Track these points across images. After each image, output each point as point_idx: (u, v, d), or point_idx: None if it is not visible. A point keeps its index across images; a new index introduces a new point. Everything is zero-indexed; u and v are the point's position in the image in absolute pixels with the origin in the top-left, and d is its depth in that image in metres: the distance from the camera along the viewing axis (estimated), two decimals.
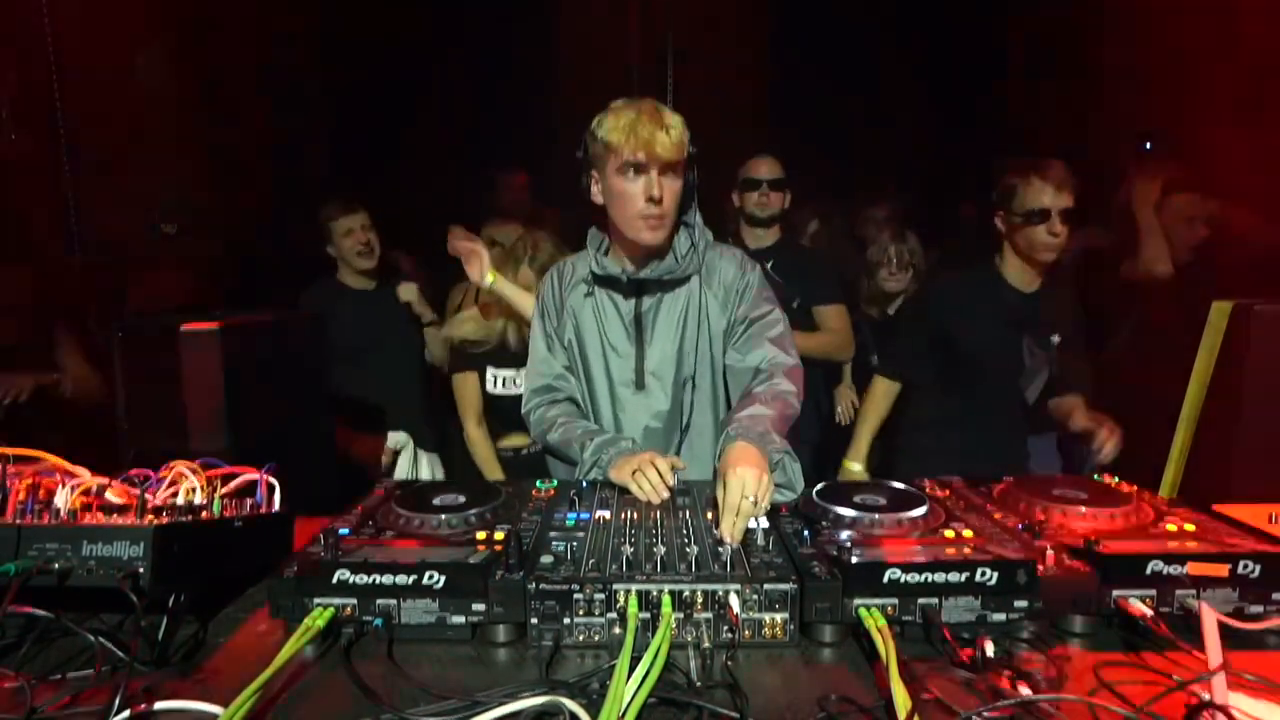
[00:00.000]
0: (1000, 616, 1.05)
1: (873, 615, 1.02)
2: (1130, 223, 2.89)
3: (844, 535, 1.21)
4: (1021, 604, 1.05)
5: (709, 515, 1.33)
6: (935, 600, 1.05)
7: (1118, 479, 1.47)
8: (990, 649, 0.94)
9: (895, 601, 1.05)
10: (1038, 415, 2.50)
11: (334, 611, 1.05)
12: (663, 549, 1.15)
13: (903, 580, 1.04)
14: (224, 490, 1.28)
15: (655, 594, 1.04)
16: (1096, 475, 1.51)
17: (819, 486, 1.41)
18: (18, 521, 1.07)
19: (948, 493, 1.45)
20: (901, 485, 1.41)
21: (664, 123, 1.56)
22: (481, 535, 1.20)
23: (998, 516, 1.30)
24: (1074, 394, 2.42)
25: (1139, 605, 1.06)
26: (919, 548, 1.14)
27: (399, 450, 3.05)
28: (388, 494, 1.43)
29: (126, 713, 0.86)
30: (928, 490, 1.44)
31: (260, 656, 1.01)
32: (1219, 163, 3.01)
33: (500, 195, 4.07)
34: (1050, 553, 1.10)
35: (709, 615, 1.04)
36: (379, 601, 1.06)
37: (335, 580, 1.05)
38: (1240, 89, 3.28)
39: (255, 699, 0.87)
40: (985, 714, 0.84)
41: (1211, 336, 1.98)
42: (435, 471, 3.14)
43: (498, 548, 1.14)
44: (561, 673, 0.98)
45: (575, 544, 1.16)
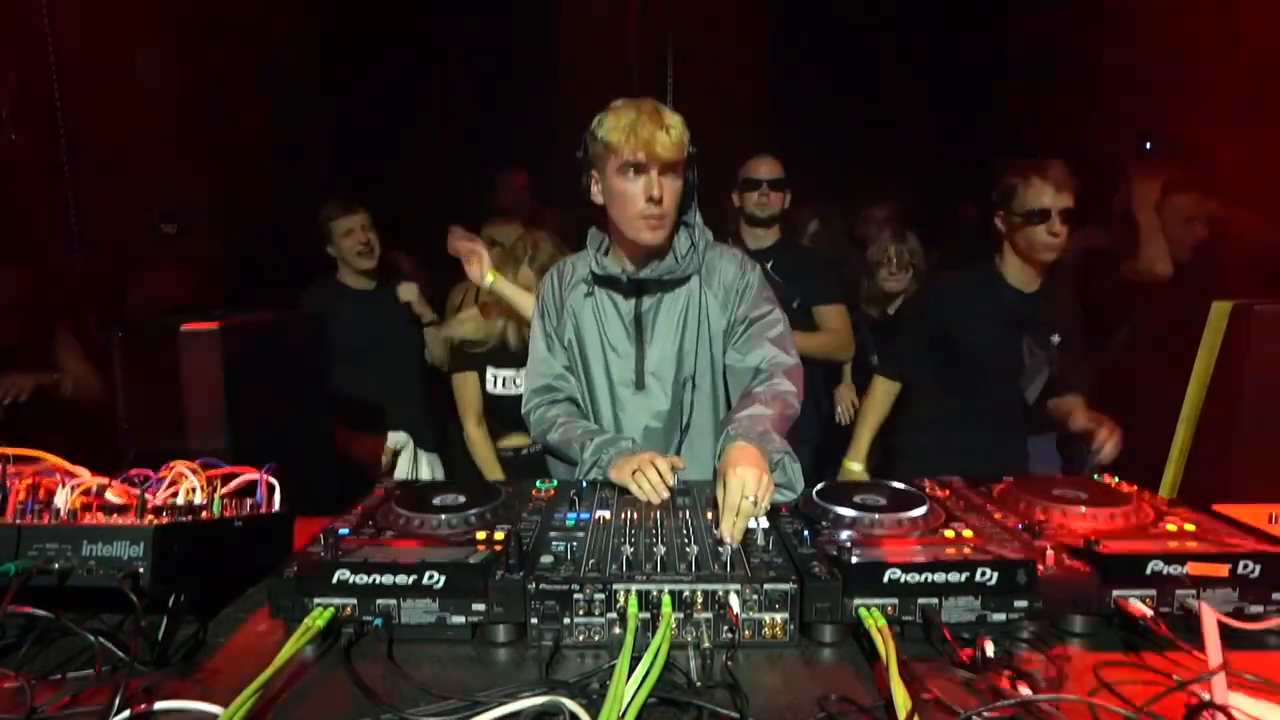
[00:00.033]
0: (1000, 616, 1.05)
1: (873, 615, 1.02)
2: (1130, 223, 2.89)
3: (844, 535, 1.21)
4: (1021, 604, 1.05)
5: (709, 515, 1.33)
6: (935, 600, 1.05)
7: (1118, 479, 1.47)
8: (990, 649, 0.94)
9: (895, 601, 1.05)
10: (1038, 415, 2.50)
11: (334, 611, 1.05)
12: (663, 549, 1.15)
13: (903, 580, 1.04)
14: (224, 490, 1.28)
15: (655, 594, 1.04)
16: (1096, 475, 1.52)
17: (819, 486, 1.41)
18: (18, 521, 1.07)
19: (948, 493, 1.45)
20: (901, 485, 1.41)
21: (664, 123, 1.56)
22: (481, 535, 1.20)
23: (998, 516, 1.30)
24: (1074, 394, 2.42)
25: (1139, 605, 1.06)
26: (919, 548, 1.14)
27: (399, 450, 3.06)
28: (388, 494, 1.43)
29: (126, 713, 0.86)
30: (928, 490, 1.44)
31: (260, 656, 1.01)
32: (1219, 163, 3.01)
33: (500, 195, 4.07)
34: (1050, 553, 1.10)
35: (709, 615, 1.04)
36: (379, 601, 1.06)
37: (335, 580, 1.06)
38: (1240, 89, 3.29)
39: (255, 699, 0.87)
40: (985, 714, 0.84)
41: (1211, 336, 1.98)
42: (435, 471, 3.14)
43: (498, 548, 1.14)
44: (561, 673, 0.98)
45: (575, 544, 1.16)
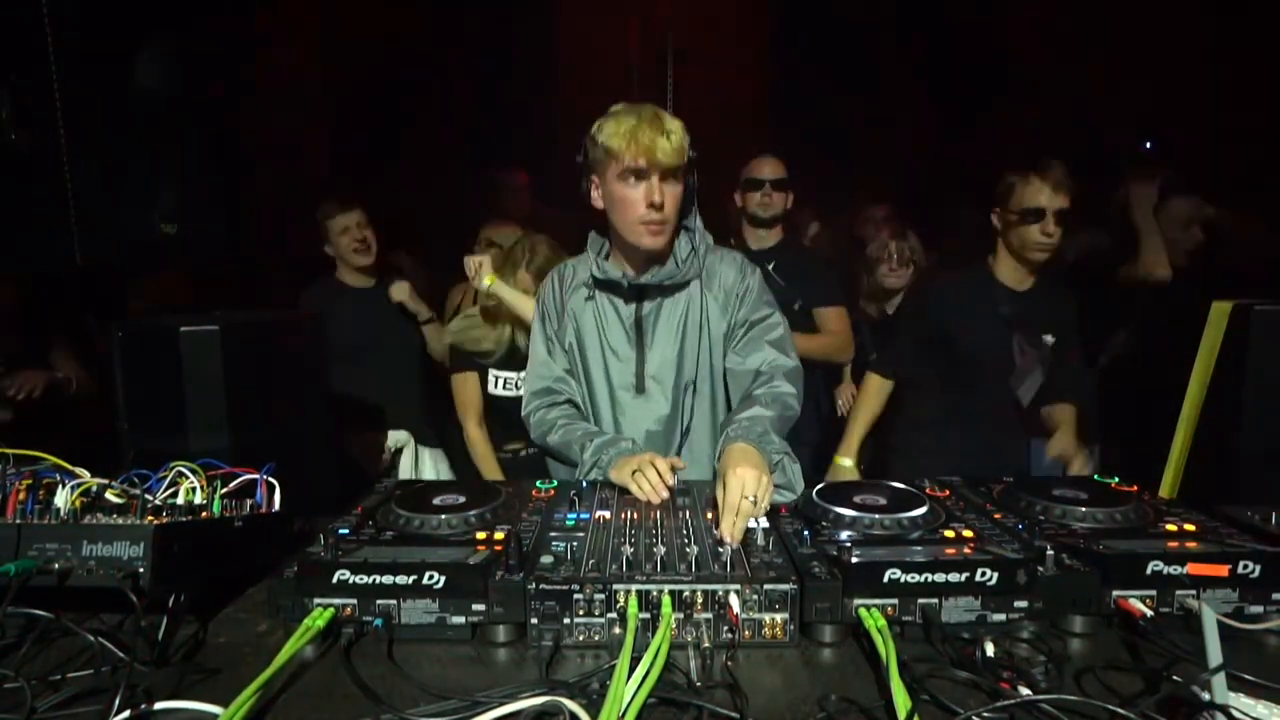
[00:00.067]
0: (1000, 616, 1.05)
1: (873, 615, 1.02)
2: (1129, 226, 2.89)
3: (844, 535, 1.21)
4: (1021, 604, 1.05)
5: (709, 515, 1.33)
6: (935, 600, 1.05)
7: (1117, 479, 1.47)
8: (990, 649, 0.94)
9: (895, 601, 1.05)
10: (1037, 418, 2.49)
11: (334, 611, 1.05)
12: (663, 549, 1.15)
13: (903, 580, 1.04)
14: (224, 490, 1.28)
15: (655, 594, 1.04)
16: (1097, 476, 1.52)
17: (819, 486, 1.41)
18: (18, 521, 1.07)
19: (948, 493, 1.45)
20: (901, 485, 1.41)
21: (665, 128, 1.56)
22: (481, 535, 1.20)
23: (998, 516, 1.30)
24: (1067, 403, 2.40)
25: (1139, 605, 1.06)
26: (919, 548, 1.14)
27: (400, 449, 3.05)
28: (388, 494, 1.43)
29: (126, 713, 0.86)
30: (928, 490, 1.44)
31: (260, 656, 1.01)
32: (1217, 165, 3.01)
33: (501, 195, 4.06)
34: (1050, 553, 1.10)
35: (709, 615, 1.04)
36: (379, 601, 1.06)
37: (335, 580, 1.06)
38: (1237, 90, 3.29)
39: (255, 699, 0.87)
40: (985, 714, 0.84)
41: (1211, 336, 1.98)
42: (440, 466, 3.11)
43: (498, 548, 1.14)
44: (561, 673, 0.98)
45: (575, 544, 1.16)
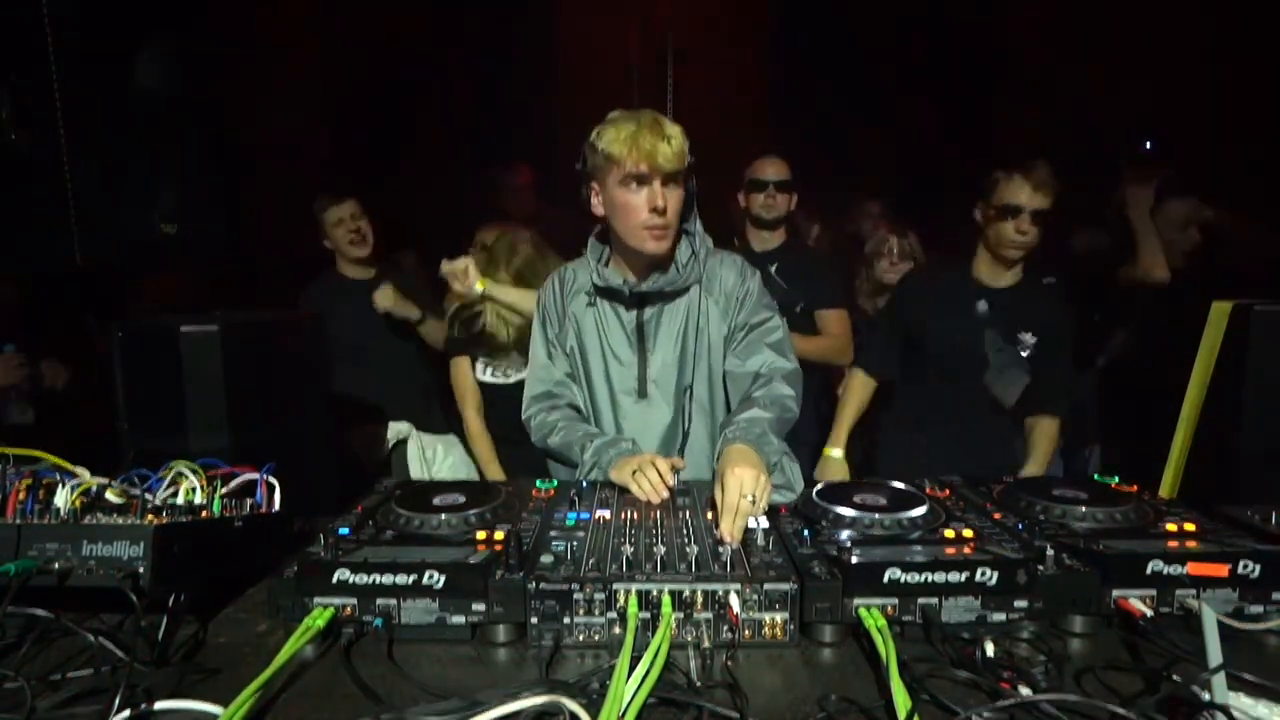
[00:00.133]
0: (1000, 616, 1.06)
1: (873, 615, 1.02)
2: (1126, 227, 2.89)
3: (844, 535, 1.21)
4: (1021, 604, 1.05)
5: (709, 515, 1.33)
6: (935, 600, 1.05)
7: (1117, 479, 1.47)
8: (990, 649, 0.94)
9: (895, 601, 1.05)
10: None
11: (334, 611, 1.05)
12: (663, 549, 1.15)
13: (903, 580, 1.04)
14: (224, 490, 1.28)
15: (655, 594, 1.04)
16: (1097, 475, 1.52)
17: (818, 486, 1.41)
18: (18, 521, 1.07)
19: (948, 493, 1.46)
20: (901, 485, 1.41)
21: (665, 133, 1.56)
22: (481, 535, 1.20)
23: (997, 516, 1.30)
24: (1048, 415, 2.33)
25: (1139, 605, 1.06)
26: (919, 548, 1.14)
27: (402, 440, 3.02)
28: (388, 494, 1.43)
29: (126, 713, 0.86)
30: (927, 490, 1.44)
31: (260, 656, 1.01)
32: (1217, 165, 3.01)
33: (502, 195, 4.05)
34: (1050, 553, 1.10)
35: (709, 615, 1.04)
36: (379, 601, 1.06)
37: (335, 580, 1.06)
38: (1237, 90, 3.29)
39: (255, 699, 0.87)
40: (985, 714, 0.84)
41: (1211, 336, 1.98)
42: (453, 451, 3.03)
43: (498, 548, 1.14)
44: (561, 673, 0.99)
45: (575, 544, 1.16)
